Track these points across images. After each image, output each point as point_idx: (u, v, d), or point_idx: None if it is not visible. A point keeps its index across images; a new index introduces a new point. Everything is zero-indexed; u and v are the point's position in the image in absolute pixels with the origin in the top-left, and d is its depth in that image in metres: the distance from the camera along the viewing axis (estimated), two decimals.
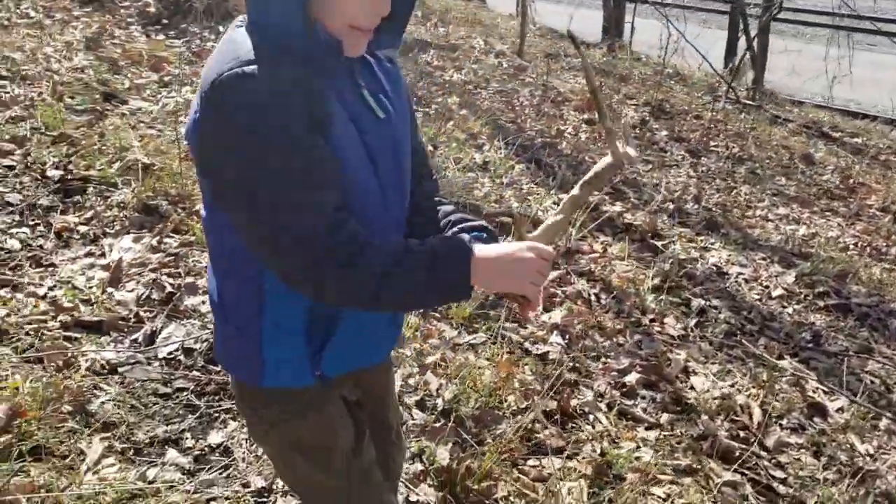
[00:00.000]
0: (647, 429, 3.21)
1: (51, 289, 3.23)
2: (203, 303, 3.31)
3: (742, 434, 3.28)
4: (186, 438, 2.66)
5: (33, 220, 3.70)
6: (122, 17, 7.45)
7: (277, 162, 1.23)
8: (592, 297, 4.23)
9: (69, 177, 4.05)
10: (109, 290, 3.29)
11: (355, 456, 1.61)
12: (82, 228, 3.70)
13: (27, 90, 4.95)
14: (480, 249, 1.36)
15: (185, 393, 2.86)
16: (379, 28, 1.38)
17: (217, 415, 2.79)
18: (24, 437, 2.36)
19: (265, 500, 2.47)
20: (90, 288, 3.28)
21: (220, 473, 2.53)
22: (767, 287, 4.78)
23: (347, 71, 1.41)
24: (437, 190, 1.71)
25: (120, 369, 2.89)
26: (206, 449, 2.63)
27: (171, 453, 2.56)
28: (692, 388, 3.55)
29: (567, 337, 3.74)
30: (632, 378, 3.50)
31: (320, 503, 1.68)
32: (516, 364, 3.38)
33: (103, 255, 3.54)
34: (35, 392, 2.54)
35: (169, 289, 3.36)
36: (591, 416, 3.20)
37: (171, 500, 2.34)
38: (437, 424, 2.84)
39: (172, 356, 3.03)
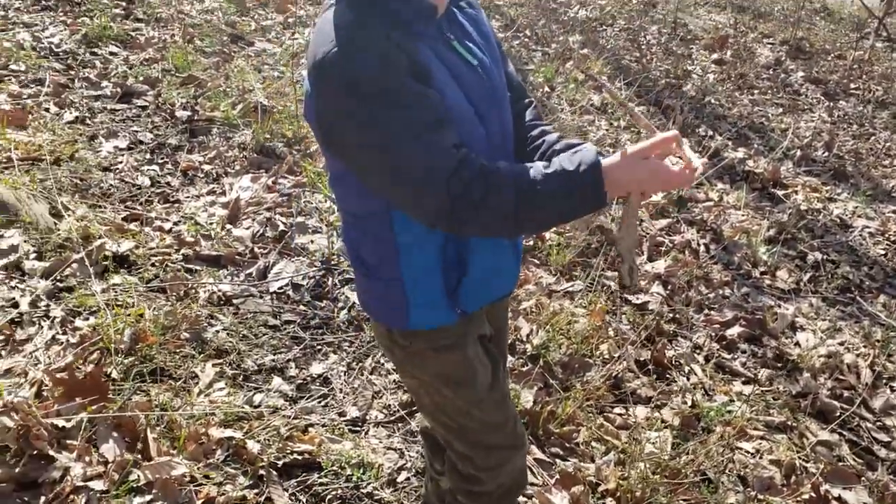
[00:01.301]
0: (743, 383, 3.16)
1: (175, 224, 3.48)
2: (311, 242, 3.49)
3: (846, 394, 3.18)
4: (290, 368, 2.85)
5: (162, 158, 3.97)
6: None
7: (395, 115, 1.31)
8: (701, 248, 4.14)
9: (196, 117, 4.30)
10: (228, 226, 3.52)
11: (492, 388, 1.75)
12: (206, 167, 3.95)
13: (161, 32, 5.24)
14: (606, 157, 1.42)
15: (291, 326, 3.05)
16: None
17: (320, 347, 2.97)
18: (145, 359, 2.60)
19: (359, 429, 2.64)
20: (211, 224, 3.51)
21: (319, 402, 2.71)
22: (895, 243, 4.52)
23: (437, 25, 1.47)
24: (540, 118, 1.77)
25: (234, 301, 3.11)
26: (307, 378, 2.82)
27: (276, 381, 2.76)
28: (797, 344, 3.45)
29: (669, 287, 3.70)
30: (734, 331, 3.44)
31: (461, 430, 1.80)
32: (612, 313, 3.39)
33: (224, 193, 3.77)
34: (157, 319, 2.78)
35: (281, 227, 3.56)
36: (686, 368, 3.18)
37: (273, 424, 2.54)
38: (525, 368, 2.91)
39: (282, 290, 3.23)
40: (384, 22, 1.35)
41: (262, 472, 2.32)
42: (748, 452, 2.77)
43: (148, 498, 2.12)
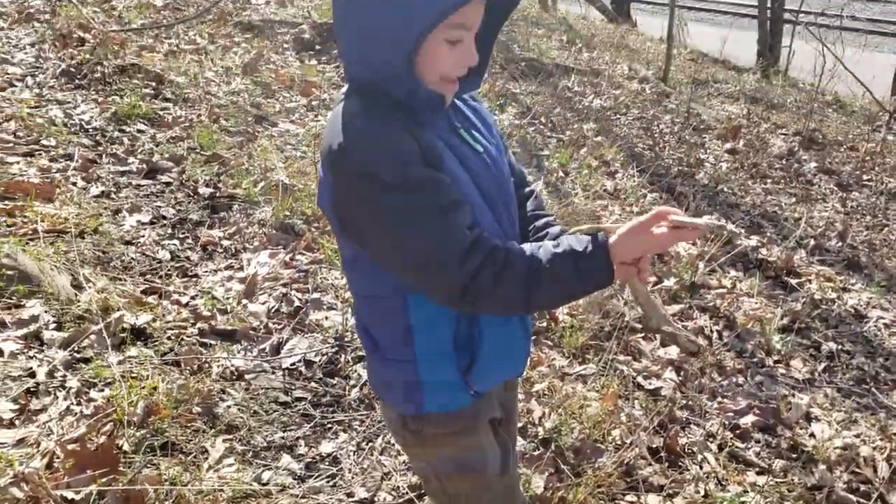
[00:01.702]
0: (757, 473, 3.12)
1: (193, 298, 3.53)
2: (326, 318, 3.52)
3: (862, 488, 3.13)
4: (300, 446, 2.84)
5: (183, 233, 4.05)
6: (278, 44, 7.96)
7: (409, 199, 1.37)
8: (714, 334, 4.14)
9: (218, 194, 4.41)
10: (244, 301, 3.56)
11: (503, 474, 1.75)
12: (225, 243, 4.02)
13: (188, 112, 5.41)
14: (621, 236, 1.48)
15: (302, 403, 3.05)
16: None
17: (330, 426, 2.97)
18: (156, 433, 2.61)
19: None
20: (227, 298, 3.56)
21: (328, 481, 2.69)
22: None
23: (445, 117, 1.55)
24: (542, 208, 1.83)
25: (247, 376, 3.12)
26: (317, 457, 2.81)
27: (285, 458, 2.75)
28: (812, 435, 3.41)
29: (682, 374, 3.68)
30: (747, 420, 3.41)
31: None
32: (625, 398, 3.38)
33: (241, 268, 3.83)
34: (170, 392, 2.80)
35: (297, 303, 3.60)
36: (699, 457, 3.15)
37: (281, 502, 2.52)
38: (536, 452, 2.89)
39: (294, 367, 3.24)
40: (393, 111, 1.42)
41: None
42: None
43: None
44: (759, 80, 11.62)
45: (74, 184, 4.20)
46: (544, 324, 3.77)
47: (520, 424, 3.05)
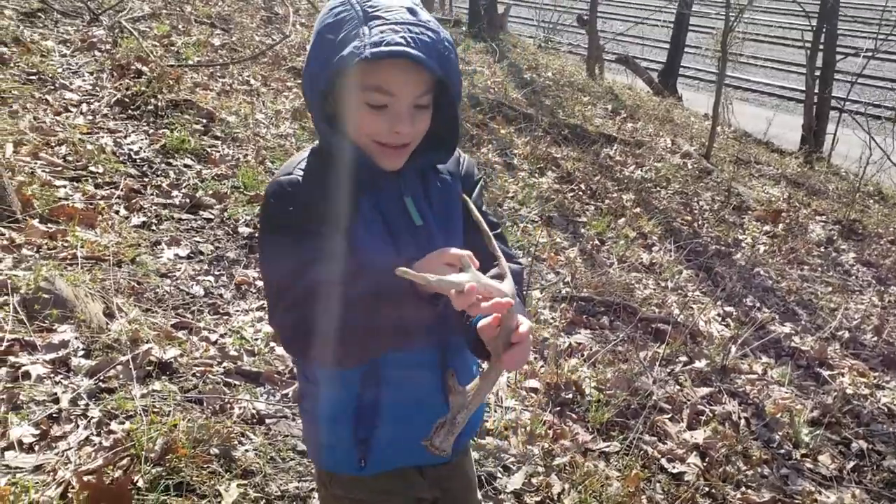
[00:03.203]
0: None
1: (222, 336, 3.54)
2: None
3: None
4: (314, 498, 2.80)
5: (219, 270, 4.08)
6: None
7: (277, 240, 1.41)
8: (742, 421, 4.05)
9: (256, 234, 4.44)
10: (272, 344, 3.56)
11: None
12: (259, 283, 4.04)
13: (235, 151, 5.50)
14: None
15: None
16: (433, 146, 1.52)
17: None
18: (172, 471, 2.59)
19: None
20: (256, 340, 3.56)
21: None
22: None
23: (394, 178, 1.51)
24: (515, 275, 1.54)
25: (267, 420, 3.10)
26: None
27: None
28: None
29: (707, 459, 3.60)
30: None
31: None
32: (647, 480, 3.30)
33: None
34: (190, 431, 2.78)
35: None
36: None
37: None
38: None
39: None
40: (335, 169, 1.44)
41: None
42: None
43: None
44: (801, 164, 11.58)
45: (117, 212, 4.27)
46: (570, 395, 3.72)
47: (538, 498, 2.99)
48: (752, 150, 11.86)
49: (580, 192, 7.41)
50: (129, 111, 5.60)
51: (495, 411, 3.46)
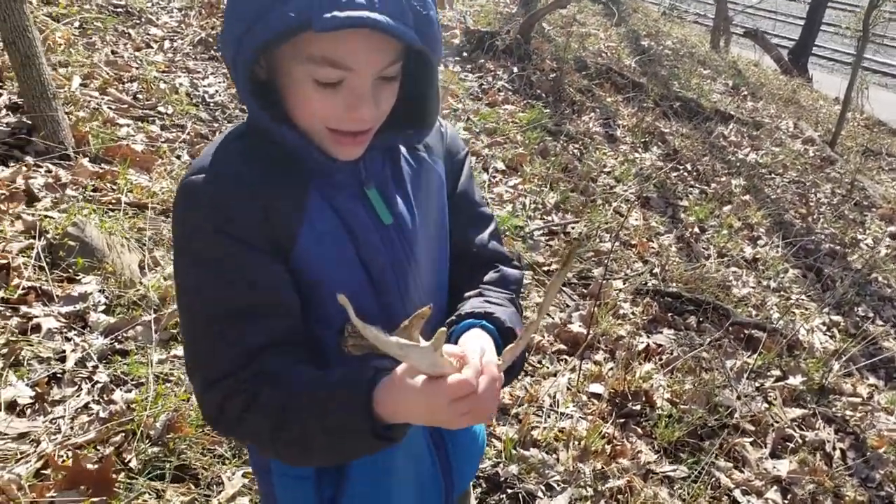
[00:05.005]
0: None
1: None
2: None
3: None
4: None
5: None
6: None
7: (201, 285, 1.07)
8: (837, 453, 3.53)
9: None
10: None
11: None
12: None
13: None
14: (391, 380, 0.98)
15: None
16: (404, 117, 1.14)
17: None
18: (171, 453, 2.34)
19: None
20: None
21: None
22: None
23: (351, 170, 1.14)
24: (500, 283, 1.31)
25: None
26: None
27: None
28: None
29: (789, 496, 3.13)
30: None
31: None
32: None
33: None
34: (197, 408, 2.53)
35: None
36: None
37: None
38: None
39: None
40: (263, 158, 1.08)
41: None
42: None
43: None
44: None
45: (179, 157, 4.05)
46: (637, 406, 3.29)
47: None
48: (885, 141, 10.83)
49: (685, 173, 6.82)
50: (212, 51, 5.40)
51: (549, 416, 3.08)
